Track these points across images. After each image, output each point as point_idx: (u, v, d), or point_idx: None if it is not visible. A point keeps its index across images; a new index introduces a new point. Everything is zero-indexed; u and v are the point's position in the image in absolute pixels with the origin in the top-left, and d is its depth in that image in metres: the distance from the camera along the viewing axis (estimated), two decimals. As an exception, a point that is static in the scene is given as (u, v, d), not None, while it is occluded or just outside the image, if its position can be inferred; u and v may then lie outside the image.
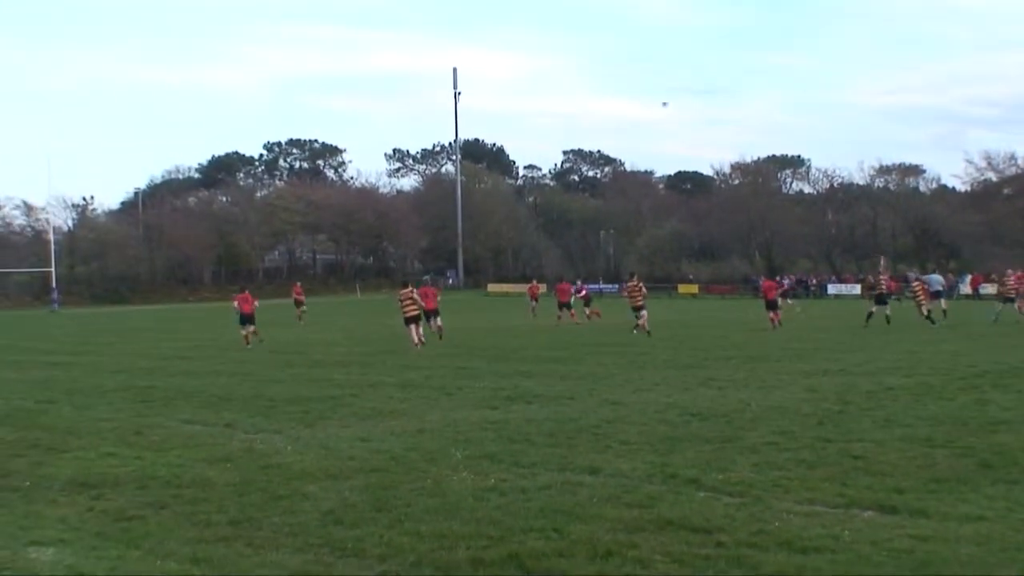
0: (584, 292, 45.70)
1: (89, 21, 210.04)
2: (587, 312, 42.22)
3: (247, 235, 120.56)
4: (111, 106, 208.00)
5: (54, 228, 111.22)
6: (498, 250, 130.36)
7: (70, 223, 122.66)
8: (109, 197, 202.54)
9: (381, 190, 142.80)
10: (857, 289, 44.91)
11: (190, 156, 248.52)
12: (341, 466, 10.91)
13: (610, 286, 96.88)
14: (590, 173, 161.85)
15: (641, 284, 34.84)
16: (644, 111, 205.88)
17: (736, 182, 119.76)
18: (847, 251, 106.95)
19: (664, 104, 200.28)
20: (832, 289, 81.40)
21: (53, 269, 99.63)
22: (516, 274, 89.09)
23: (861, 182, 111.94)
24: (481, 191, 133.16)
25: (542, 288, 43.82)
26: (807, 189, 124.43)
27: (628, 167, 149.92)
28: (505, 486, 9.58)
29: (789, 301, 43.47)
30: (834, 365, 21.39)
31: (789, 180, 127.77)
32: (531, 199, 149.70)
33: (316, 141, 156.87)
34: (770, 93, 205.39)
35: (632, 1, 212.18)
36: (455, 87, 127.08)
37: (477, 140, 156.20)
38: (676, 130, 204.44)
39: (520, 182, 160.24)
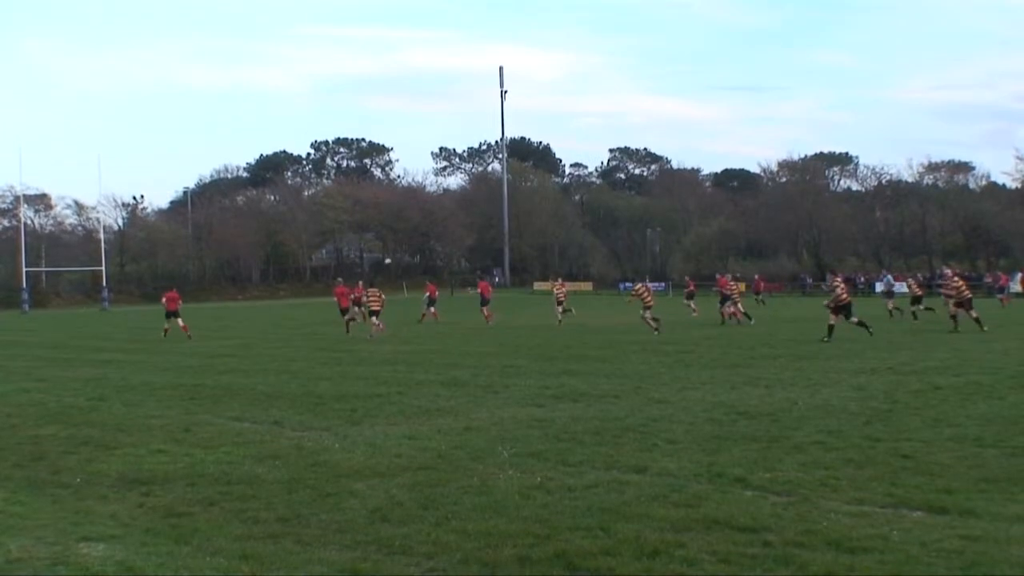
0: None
1: (140, 25, 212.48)
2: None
3: (295, 234, 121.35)
4: (161, 107, 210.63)
5: (105, 227, 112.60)
6: (544, 248, 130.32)
7: (120, 222, 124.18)
8: (159, 196, 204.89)
9: (428, 189, 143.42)
10: (906, 287, 44.45)
11: (239, 155, 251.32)
12: (388, 464, 10.94)
13: (657, 284, 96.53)
14: (636, 171, 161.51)
15: (649, 287, 37.61)
16: (690, 109, 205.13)
17: (783, 180, 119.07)
18: (896, 249, 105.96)
19: None
20: (880, 287, 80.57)
21: (104, 268, 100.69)
22: (562, 272, 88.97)
23: (910, 179, 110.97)
24: (527, 189, 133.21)
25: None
26: (855, 186, 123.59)
27: (675, 165, 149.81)
28: (552, 484, 9.57)
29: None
30: (882, 364, 21.20)
31: (837, 178, 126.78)
32: (577, 197, 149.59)
33: (363, 140, 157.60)
34: (817, 90, 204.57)
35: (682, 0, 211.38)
36: (501, 86, 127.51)
37: (523, 139, 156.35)
38: (723, 128, 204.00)
39: (566, 180, 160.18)
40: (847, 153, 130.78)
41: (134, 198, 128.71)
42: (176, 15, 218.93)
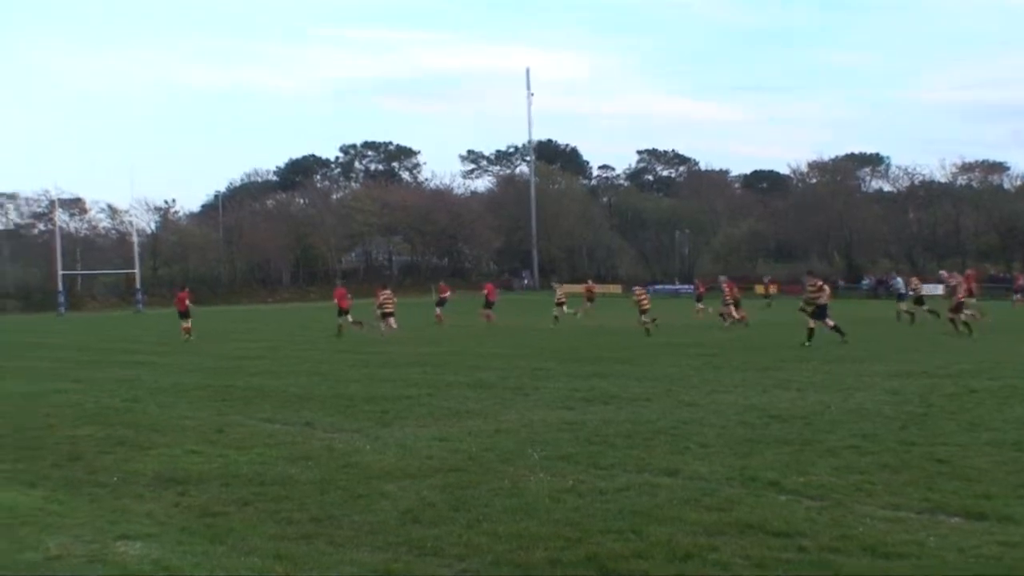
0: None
1: (172, 30, 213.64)
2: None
3: (324, 237, 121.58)
4: (192, 112, 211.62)
5: (138, 231, 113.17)
6: (572, 250, 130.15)
7: (153, 226, 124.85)
8: (190, 200, 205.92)
9: (455, 191, 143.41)
10: (940, 289, 44.12)
11: (268, 159, 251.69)
12: (419, 465, 10.96)
13: (687, 287, 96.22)
14: (664, 173, 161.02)
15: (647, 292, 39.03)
16: (719, 110, 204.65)
17: (814, 181, 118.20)
18: (928, 250, 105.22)
19: None
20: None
21: (137, 270, 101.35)
22: (591, 274, 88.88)
23: (942, 180, 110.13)
24: (555, 192, 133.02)
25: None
26: (887, 187, 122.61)
27: (703, 166, 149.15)
28: (583, 487, 9.55)
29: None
30: (916, 367, 21.04)
31: (868, 178, 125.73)
32: (605, 199, 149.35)
33: (391, 143, 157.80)
34: (847, 91, 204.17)
35: (706, 0, 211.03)
36: (528, 88, 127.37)
37: (551, 141, 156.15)
38: (752, 129, 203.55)
39: (594, 182, 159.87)
40: (878, 154, 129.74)
41: (166, 202, 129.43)
42: (205, 19, 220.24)
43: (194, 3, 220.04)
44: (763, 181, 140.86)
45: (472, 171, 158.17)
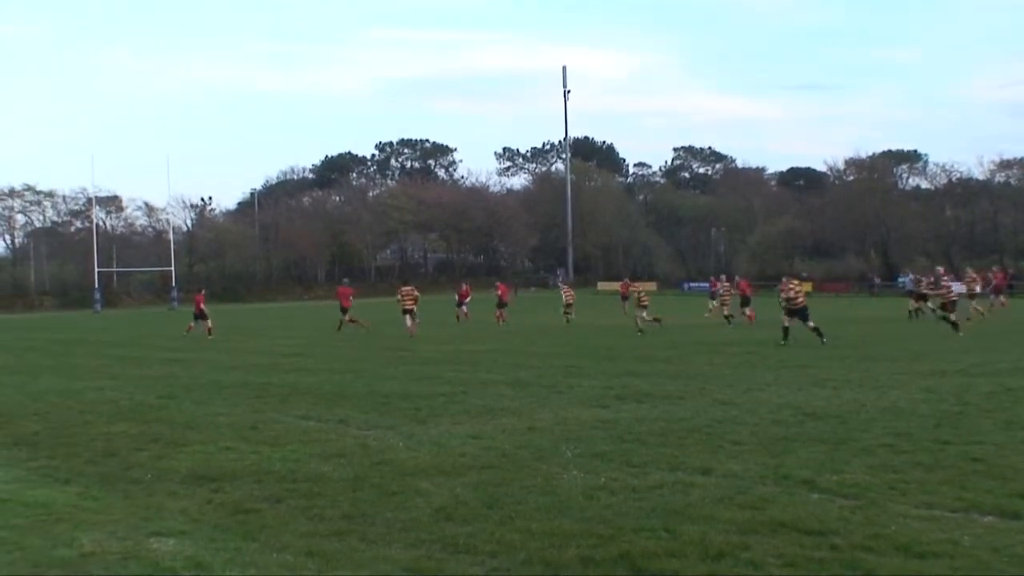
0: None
1: (207, 29, 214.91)
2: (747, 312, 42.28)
3: (360, 234, 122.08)
4: (228, 109, 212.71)
5: (174, 228, 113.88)
6: (608, 248, 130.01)
7: (189, 223, 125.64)
8: (226, 198, 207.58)
9: (491, 189, 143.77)
10: (977, 287, 43.73)
11: (304, 157, 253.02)
12: (453, 463, 10.97)
13: (723, 285, 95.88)
14: (701, 170, 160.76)
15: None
16: (755, 108, 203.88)
17: (850, 178, 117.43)
18: (966, 248, 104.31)
19: None
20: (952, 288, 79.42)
21: (173, 268, 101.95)
22: (626, 272, 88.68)
23: (981, 177, 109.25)
24: (591, 189, 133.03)
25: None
26: (924, 185, 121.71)
27: (739, 164, 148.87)
28: (616, 485, 9.54)
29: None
30: (952, 366, 20.88)
31: (905, 176, 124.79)
32: (641, 197, 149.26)
33: (427, 141, 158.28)
34: (884, 88, 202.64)
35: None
36: (564, 86, 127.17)
37: (587, 138, 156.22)
38: (788, 127, 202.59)
39: (630, 180, 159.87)
40: (915, 151, 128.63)
41: (202, 199, 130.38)
42: (241, 19, 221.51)
43: (234, 4, 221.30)
44: (800, 178, 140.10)
45: (508, 169, 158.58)
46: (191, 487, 10.11)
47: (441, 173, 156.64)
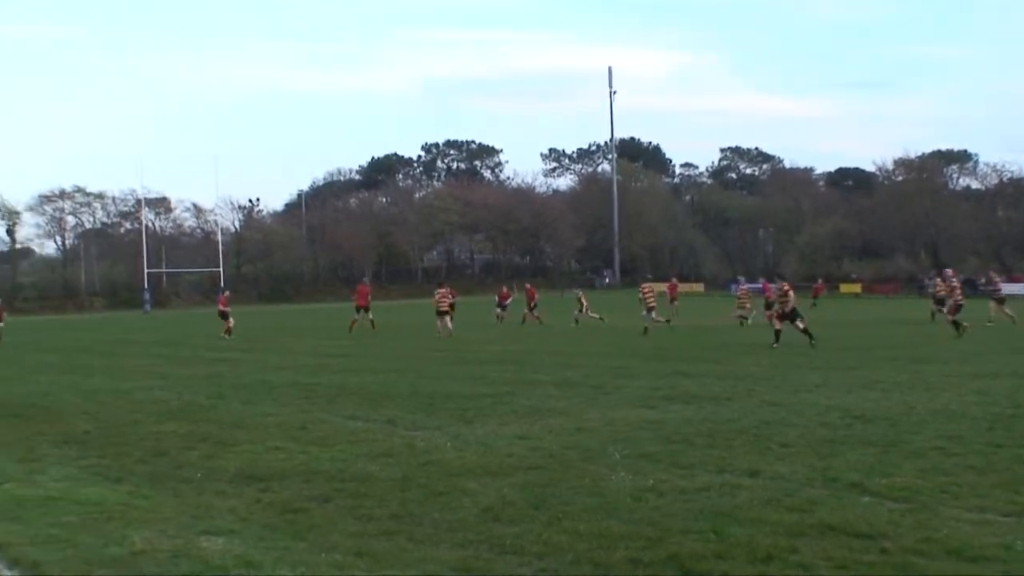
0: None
1: (253, 30, 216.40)
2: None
3: (406, 235, 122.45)
4: (275, 111, 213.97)
5: (222, 229, 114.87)
6: (655, 249, 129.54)
7: (237, 224, 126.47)
8: (274, 199, 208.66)
9: (537, 190, 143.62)
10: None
11: (351, 158, 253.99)
12: (500, 463, 10.98)
13: (771, 287, 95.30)
14: (748, 171, 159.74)
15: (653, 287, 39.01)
16: (802, 107, 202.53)
17: (900, 178, 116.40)
18: (1018, 248, 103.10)
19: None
20: (1003, 289, 78.57)
21: (221, 269, 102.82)
22: (673, 273, 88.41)
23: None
24: (637, 190, 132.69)
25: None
26: (975, 185, 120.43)
27: (787, 164, 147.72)
28: (663, 487, 9.51)
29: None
30: (1004, 367, 20.66)
31: (956, 176, 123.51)
32: (688, 197, 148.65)
33: (473, 142, 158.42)
34: (933, 86, 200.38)
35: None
36: (611, 86, 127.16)
37: (633, 139, 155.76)
38: (836, 126, 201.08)
39: (677, 180, 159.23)
40: (966, 151, 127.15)
41: (250, 200, 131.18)
42: (288, 19, 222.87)
43: (280, 5, 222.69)
44: (848, 179, 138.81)
45: (554, 170, 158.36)
46: (240, 486, 10.19)
47: (487, 174, 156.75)
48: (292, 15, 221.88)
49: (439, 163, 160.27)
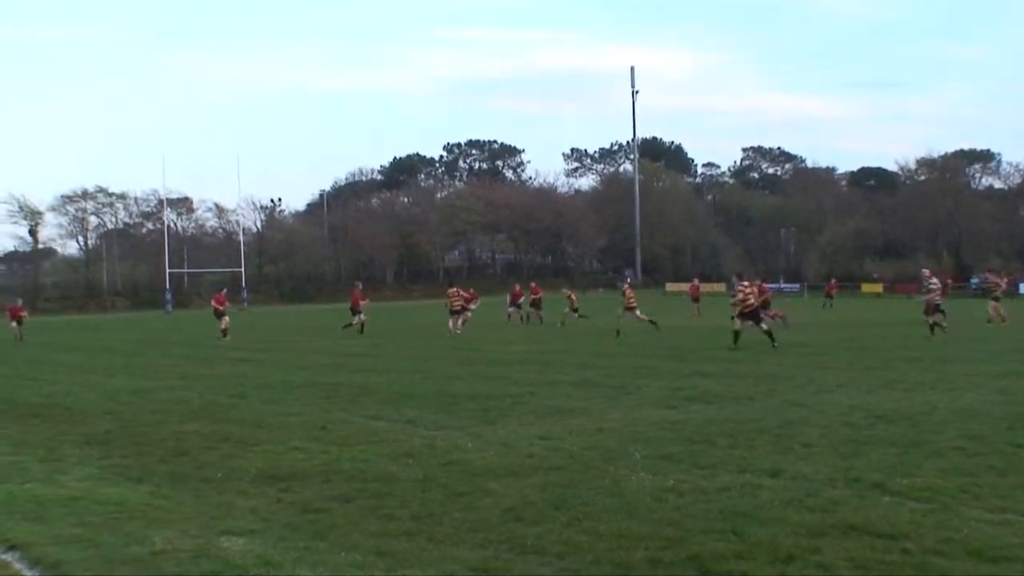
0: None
1: (275, 30, 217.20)
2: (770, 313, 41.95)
3: (428, 235, 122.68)
4: (297, 111, 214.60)
5: (244, 229, 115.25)
6: (676, 248, 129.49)
7: (259, 224, 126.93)
8: (296, 199, 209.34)
9: (559, 190, 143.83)
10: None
11: (373, 158, 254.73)
12: (521, 464, 10.98)
13: (792, 285, 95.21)
14: (770, 170, 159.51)
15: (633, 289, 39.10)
16: (824, 106, 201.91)
17: (922, 178, 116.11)
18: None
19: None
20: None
21: (243, 269, 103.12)
22: (695, 273, 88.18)
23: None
24: (659, 189, 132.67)
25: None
26: (997, 184, 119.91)
27: (809, 164, 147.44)
28: (684, 487, 9.49)
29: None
30: (1027, 367, 20.57)
31: (978, 175, 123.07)
32: (710, 197, 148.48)
33: (495, 142, 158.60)
34: (956, 85, 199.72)
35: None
36: (632, 86, 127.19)
37: (655, 138, 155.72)
38: (858, 126, 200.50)
39: (699, 180, 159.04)
40: (988, 150, 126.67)
41: (272, 201, 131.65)
42: (310, 20, 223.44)
43: (301, 4, 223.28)
44: (870, 178, 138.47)
45: (576, 169, 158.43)
46: (261, 486, 10.22)
47: (509, 174, 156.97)
48: (315, 15, 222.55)
49: (461, 163, 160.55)
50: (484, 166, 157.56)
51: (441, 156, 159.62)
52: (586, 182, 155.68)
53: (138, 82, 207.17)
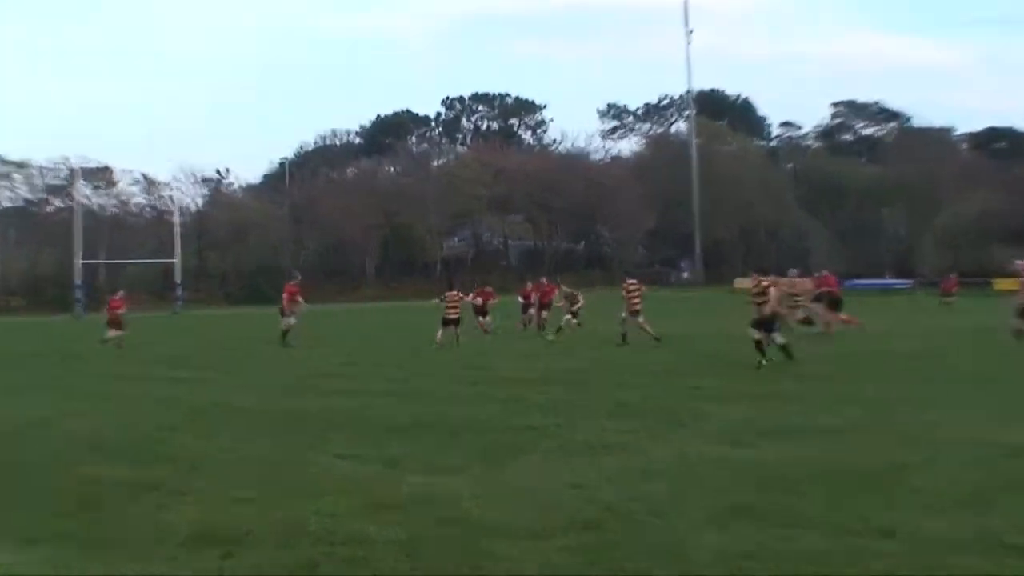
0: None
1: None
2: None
3: (421, 215, 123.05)
4: (253, 60, 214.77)
5: (180, 208, 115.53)
6: (748, 231, 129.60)
7: (199, 202, 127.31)
8: (249, 169, 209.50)
9: (593, 156, 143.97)
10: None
11: (350, 118, 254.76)
12: (544, 520, 10.84)
13: (902, 281, 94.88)
14: (867, 132, 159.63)
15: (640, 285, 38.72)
16: (937, 50, 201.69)
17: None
18: None
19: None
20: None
21: (177, 259, 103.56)
22: (772, 264, 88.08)
23: None
24: (723, 156, 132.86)
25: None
26: None
27: (918, 123, 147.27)
28: (763, 552, 9.37)
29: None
30: None
31: None
32: (789, 166, 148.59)
33: (508, 95, 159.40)
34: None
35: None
36: (686, 25, 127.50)
37: (715, 91, 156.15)
38: (983, 75, 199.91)
39: (774, 144, 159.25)
40: None
41: (217, 172, 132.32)
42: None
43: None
44: (1001, 141, 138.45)
45: (614, 130, 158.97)
46: (195, 551, 10.09)
47: (526, 136, 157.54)
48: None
49: (464, 122, 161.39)
50: (494, 126, 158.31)
51: (438, 114, 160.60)
52: (627, 146, 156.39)
53: (49, 25, 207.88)
